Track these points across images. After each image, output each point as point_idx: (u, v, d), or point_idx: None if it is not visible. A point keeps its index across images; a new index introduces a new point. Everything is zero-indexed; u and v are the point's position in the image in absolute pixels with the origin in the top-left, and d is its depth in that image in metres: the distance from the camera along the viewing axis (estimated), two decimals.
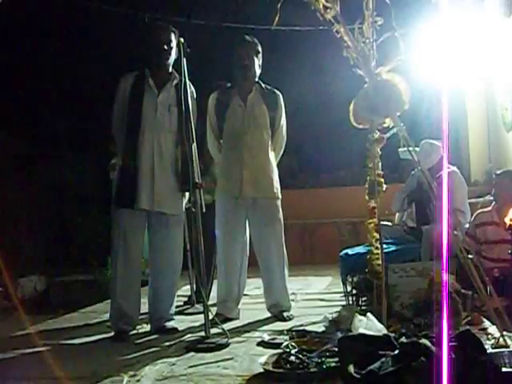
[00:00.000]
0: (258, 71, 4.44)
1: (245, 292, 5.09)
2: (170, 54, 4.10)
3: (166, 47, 4.08)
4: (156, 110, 4.08)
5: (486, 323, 3.65)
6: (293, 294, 5.28)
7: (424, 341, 2.45)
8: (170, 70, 4.17)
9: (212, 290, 5.02)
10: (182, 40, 3.98)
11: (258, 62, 4.42)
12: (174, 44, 4.11)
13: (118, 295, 4.06)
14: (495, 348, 3.01)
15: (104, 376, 3.12)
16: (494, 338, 3.28)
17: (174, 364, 3.31)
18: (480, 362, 2.33)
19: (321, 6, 3.73)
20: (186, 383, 2.97)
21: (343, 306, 4.40)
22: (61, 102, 8.75)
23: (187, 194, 4.15)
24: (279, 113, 4.50)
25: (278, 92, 4.54)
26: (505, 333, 3.20)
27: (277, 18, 3.80)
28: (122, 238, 4.05)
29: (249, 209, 4.44)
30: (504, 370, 2.42)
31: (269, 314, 4.46)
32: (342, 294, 4.70)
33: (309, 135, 9.39)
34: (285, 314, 4.37)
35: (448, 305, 3.25)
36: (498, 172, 4.86)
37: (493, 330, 3.46)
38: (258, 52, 4.42)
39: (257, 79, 4.47)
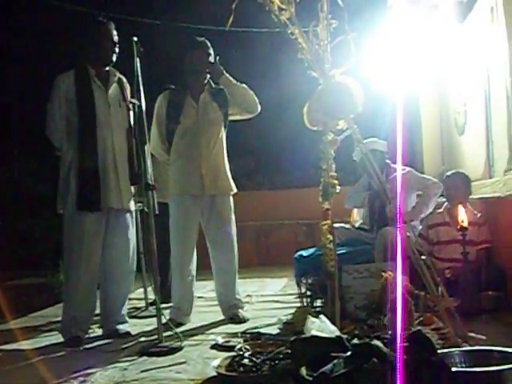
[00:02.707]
0: (208, 72, 4.45)
1: (199, 294, 5.06)
2: (116, 52, 4.10)
3: (114, 45, 4.07)
4: (109, 107, 4.05)
5: (439, 323, 3.70)
6: (248, 296, 5.28)
7: (376, 342, 2.46)
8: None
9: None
10: (135, 39, 3.94)
11: (210, 63, 4.41)
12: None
13: (76, 302, 3.96)
14: (447, 348, 3.04)
15: (53, 382, 3.05)
16: (446, 337, 3.32)
17: (125, 369, 3.26)
18: (431, 362, 2.34)
19: (276, 8, 3.72)
20: None
21: (298, 307, 4.40)
22: (11, 102, 8.57)
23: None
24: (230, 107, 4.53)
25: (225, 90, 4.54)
26: (456, 332, 3.25)
27: (231, 19, 3.77)
28: (86, 242, 3.95)
29: (205, 209, 4.45)
30: (454, 369, 2.44)
31: (223, 317, 4.44)
32: (297, 296, 4.70)
33: (265, 137, 9.41)
34: (240, 315, 4.38)
35: (400, 306, 3.28)
36: (448, 173, 4.93)
37: (445, 329, 3.50)
38: (210, 54, 4.43)
39: (206, 80, 4.49)
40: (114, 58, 4.10)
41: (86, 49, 4.11)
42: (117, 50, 4.10)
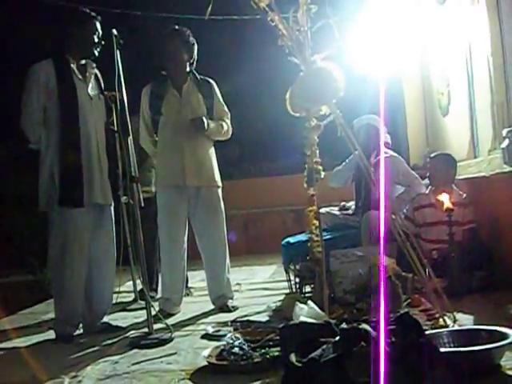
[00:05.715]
0: (189, 61, 4.39)
1: (189, 285, 5.06)
2: (99, 47, 4.01)
3: (99, 40, 3.98)
4: (90, 100, 3.99)
5: (427, 305, 3.72)
6: (237, 284, 5.29)
7: (364, 326, 2.46)
8: None
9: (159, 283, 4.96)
10: (115, 32, 3.88)
11: (189, 52, 4.36)
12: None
13: (70, 300, 3.89)
14: (435, 328, 3.07)
15: (44, 379, 3.04)
16: (434, 318, 3.34)
17: (116, 362, 3.26)
18: (418, 343, 2.35)
19: None
20: (129, 381, 2.91)
21: (287, 294, 4.41)
22: None
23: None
24: (215, 101, 4.49)
25: (211, 81, 4.53)
26: (444, 313, 3.27)
27: (210, 8, 3.73)
28: (77, 240, 3.87)
29: (191, 200, 4.41)
30: (441, 350, 2.46)
31: (212, 306, 4.44)
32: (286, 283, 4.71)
33: (249, 125, 9.38)
34: (229, 304, 4.39)
35: (386, 288, 3.29)
36: (432, 155, 4.94)
37: (433, 310, 3.53)
38: (187, 41, 4.37)
39: (188, 69, 4.43)
40: (97, 53, 4.00)
41: (69, 40, 3.95)
42: (100, 46, 3.99)
